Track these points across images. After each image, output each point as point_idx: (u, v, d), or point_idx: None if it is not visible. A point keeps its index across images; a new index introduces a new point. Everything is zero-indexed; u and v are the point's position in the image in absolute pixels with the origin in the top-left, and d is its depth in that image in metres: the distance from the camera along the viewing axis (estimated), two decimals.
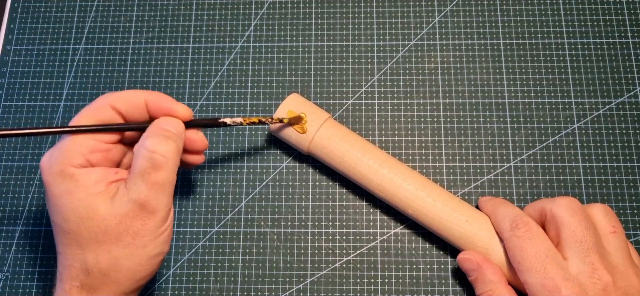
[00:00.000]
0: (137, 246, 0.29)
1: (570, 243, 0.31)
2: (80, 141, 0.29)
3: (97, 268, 0.29)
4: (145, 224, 0.29)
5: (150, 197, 0.29)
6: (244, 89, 0.43)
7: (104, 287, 0.29)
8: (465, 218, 0.35)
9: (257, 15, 0.45)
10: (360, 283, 0.38)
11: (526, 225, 0.32)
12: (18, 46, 0.45)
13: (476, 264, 0.34)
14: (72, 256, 0.29)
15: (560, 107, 0.41)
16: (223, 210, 0.40)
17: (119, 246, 0.29)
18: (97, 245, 0.28)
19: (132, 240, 0.29)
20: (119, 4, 0.46)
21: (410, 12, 0.45)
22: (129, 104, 0.31)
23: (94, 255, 0.29)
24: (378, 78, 0.43)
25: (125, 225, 0.28)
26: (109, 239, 0.28)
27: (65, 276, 0.29)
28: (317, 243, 0.39)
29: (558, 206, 0.32)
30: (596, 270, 0.30)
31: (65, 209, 0.28)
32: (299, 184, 0.41)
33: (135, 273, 0.29)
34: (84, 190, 0.28)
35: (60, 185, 0.28)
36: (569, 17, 0.44)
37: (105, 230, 0.28)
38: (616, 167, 0.40)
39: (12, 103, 0.43)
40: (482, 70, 0.43)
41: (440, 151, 0.41)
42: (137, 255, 0.29)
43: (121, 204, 0.28)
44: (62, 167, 0.28)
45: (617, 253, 0.31)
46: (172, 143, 0.30)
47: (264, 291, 0.38)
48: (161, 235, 0.30)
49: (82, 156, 0.29)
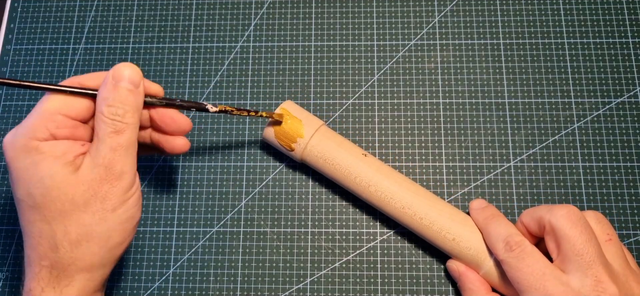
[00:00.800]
0: (107, 211, 0.29)
1: (571, 256, 0.30)
2: (46, 116, 0.28)
3: (67, 240, 0.28)
4: (113, 187, 0.29)
5: (115, 160, 0.28)
6: (244, 89, 0.43)
7: (76, 261, 0.28)
8: (452, 237, 0.35)
9: (257, 15, 0.45)
10: (360, 283, 0.38)
11: (519, 246, 0.32)
12: (18, 46, 0.45)
13: (458, 273, 0.36)
14: (38, 234, 0.28)
15: (560, 107, 0.41)
16: (223, 210, 0.40)
17: (88, 213, 0.28)
18: (64, 215, 0.28)
19: (101, 205, 0.28)
20: (119, 4, 0.46)
21: (410, 12, 0.45)
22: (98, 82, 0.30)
23: (62, 227, 0.28)
24: (378, 79, 0.43)
25: (93, 191, 0.28)
26: (77, 207, 0.28)
27: (33, 258, 0.29)
28: (317, 243, 0.39)
29: (558, 218, 0.31)
30: (601, 282, 0.29)
31: (30, 181, 0.28)
32: (299, 184, 0.41)
33: (107, 240, 0.29)
34: (50, 160, 0.28)
35: (24, 159, 0.28)
36: (569, 17, 0.44)
37: (73, 198, 0.28)
38: (616, 167, 0.40)
39: (12, 103, 0.43)
40: (482, 70, 0.43)
41: (440, 151, 0.41)
42: (107, 219, 0.29)
43: (87, 170, 0.28)
44: (26, 141, 0.28)
45: (616, 261, 0.31)
46: (130, 106, 0.29)
47: (264, 291, 0.38)
48: (130, 198, 0.30)
49: (48, 131, 0.28)
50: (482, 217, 0.35)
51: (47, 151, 0.28)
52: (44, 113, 0.29)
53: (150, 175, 0.41)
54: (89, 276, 0.29)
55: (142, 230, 0.40)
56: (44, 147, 0.28)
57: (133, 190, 0.30)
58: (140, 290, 0.39)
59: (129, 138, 0.29)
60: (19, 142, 0.28)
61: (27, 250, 0.29)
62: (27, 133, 0.28)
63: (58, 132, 0.29)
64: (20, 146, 0.28)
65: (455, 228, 0.35)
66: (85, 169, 0.28)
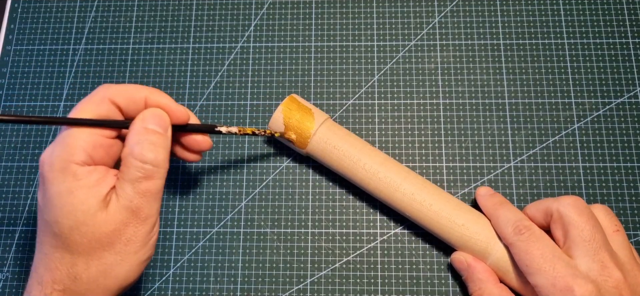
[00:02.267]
0: (129, 253, 0.28)
1: (578, 242, 0.31)
2: (83, 136, 0.28)
3: (86, 275, 0.28)
4: (138, 231, 0.28)
5: (142, 205, 0.28)
6: (244, 89, 0.43)
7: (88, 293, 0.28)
8: (461, 223, 0.35)
9: (257, 15, 0.45)
10: (360, 283, 0.38)
11: (529, 229, 0.33)
12: (18, 46, 0.45)
13: (466, 264, 0.35)
14: (59, 260, 0.28)
15: (560, 107, 0.41)
16: (223, 210, 0.40)
17: (111, 253, 0.28)
18: (88, 251, 0.28)
19: (124, 247, 0.28)
20: (119, 4, 0.46)
21: (410, 12, 0.45)
22: (129, 99, 0.30)
23: (84, 261, 0.28)
24: (378, 79, 0.43)
25: (119, 232, 0.28)
26: (101, 246, 0.28)
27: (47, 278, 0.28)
28: (317, 243, 0.39)
29: (565, 206, 0.32)
30: (606, 268, 0.30)
31: (62, 210, 0.27)
32: (299, 184, 0.41)
33: (125, 279, 0.29)
34: (85, 190, 0.27)
35: (61, 184, 0.27)
36: (569, 17, 0.44)
37: (100, 237, 0.28)
38: (616, 167, 0.40)
39: (12, 103, 0.43)
40: (482, 70, 0.43)
41: (440, 151, 0.41)
42: (128, 261, 0.29)
43: (115, 210, 0.28)
44: (65, 164, 0.27)
45: (622, 251, 0.32)
46: (161, 150, 0.29)
47: (264, 291, 0.38)
48: (151, 239, 0.30)
49: (85, 152, 0.28)
50: (490, 203, 0.36)
51: (83, 179, 0.27)
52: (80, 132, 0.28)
53: None
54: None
55: None
56: (81, 173, 0.27)
57: (154, 231, 0.30)
58: (140, 291, 0.39)
59: (158, 184, 0.29)
60: (57, 163, 0.27)
61: (41, 269, 0.28)
62: (65, 155, 0.27)
63: (95, 153, 0.28)
64: (59, 168, 0.27)
65: (464, 214, 0.35)
66: (113, 208, 0.28)
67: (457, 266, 0.36)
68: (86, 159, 0.28)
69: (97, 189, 0.28)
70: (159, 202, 0.29)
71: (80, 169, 0.27)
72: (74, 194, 0.27)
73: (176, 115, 0.31)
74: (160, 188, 0.29)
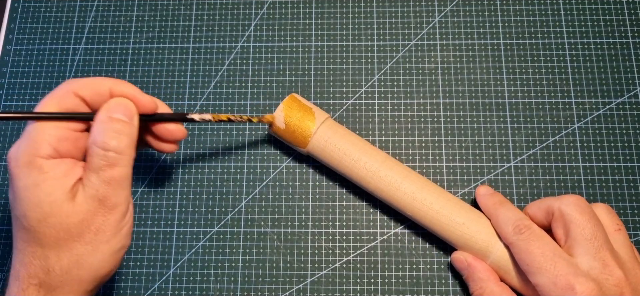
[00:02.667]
0: (100, 242, 0.28)
1: (580, 240, 0.31)
2: (48, 130, 0.28)
3: (59, 267, 0.28)
4: (107, 220, 0.28)
5: (108, 193, 0.28)
6: (244, 89, 0.43)
7: (64, 286, 0.28)
8: (461, 222, 0.35)
9: (257, 15, 0.45)
10: (360, 283, 0.38)
11: (529, 229, 0.33)
12: (18, 46, 0.45)
13: (466, 263, 0.36)
14: (31, 254, 0.28)
15: (560, 107, 0.41)
16: (223, 210, 0.40)
17: (81, 244, 0.28)
18: (58, 243, 0.28)
19: (94, 236, 0.28)
20: (119, 4, 0.46)
21: (410, 12, 0.45)
22: (93, 92, 0.30)
23: (55, 253, 0.28)
24: (378, 79, 0.43)
25: (87, 222, 0.28)
26: (71, 237, 0.28)
27: (23, 274, 0.28)
28: (317, 243, 0.39)
29: (567, 204, 0.32)
30: (607, 266, 0.30)
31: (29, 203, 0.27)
32: (299, 184, 0.41)
33: (98, 269, 0.29)
34: (51, 183, 0.27)
35: (27, 178, 0.27)
36: (569, 17, 0.44)
37: (68, 227, 0.28)
38: (616, 167, 0.40)
39: (12, 103, 0.43)
40: (482, 70, 0.43)
41: (440, 151, 0.41)
42: (100, 250, 0.29)
43: (81, 201, 0.28)
44: (30, 158, 0.27)
45: (623, 250, 0.32)
46: (125, 138, 0.29)
47: (264, 291, 0.38)
48: (123, 228, 0.29)
49: (50, 146, 0.28)
50: (490, 202, 0.36)
51: (49, 171, 0.27)
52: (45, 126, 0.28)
53: (150, 175, 0.41)
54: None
55: (142, 230, 0.40)
56: (47, 166, 0.28)
57: (126, 221, 0.30)
58: (141, 290, 0.39)
59: (123, 171, 0.29)
60: (23, 158, 0.27)
61: (17, 264, 0.29)
62: (31, 149, 0.28)
63: (61, 146, 0.28)
64: (24, 163, 0.27)
65: (464, 213, 0.35)
66: (80, 199, 0.28)
67: (457, 265, 0.36)
68: (52, 152, 0.28)
69: (63, 181, 0.28)
70: (127, 189, 0.29)
71: (46, 162, 0.28)
72: (39, 187, 0.27)
73: (142, 104, 0.31)
74: (125, 175, 0.29)
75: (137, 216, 0.40)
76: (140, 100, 0.31)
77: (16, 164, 0.28)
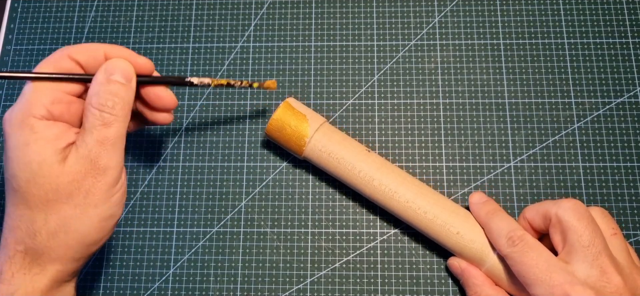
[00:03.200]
0: (89, 206, 0.28)
1: (577, 247, 0.31)
2: (42, 91, 0.28)
3: (45, 229, 0.28)
4: (97, 182, 0.28)
5: (101, 154, 0.28)
6: (244, 89, 0.43)
7: (50, 252, 0.28)
8: (456, 231, 0.35)
9: (257, 15, 0.45)
10: (360, 283, 0.38)
11: (522, 240, 0.32)
12: (18, 46, 0.45)
13: (460, 270, 0.36)
14: (18, 218, 0.28)
15: (560, 107, 0.41)
16: (223, 210, 0.40)
17: (69, 206, 0.28)
18: (46, 204, 0.28)
19: (83, 199, 0.28)
20: (119, 4, 0.46)
21: (410, 12, 0.45)
22: (88, 56, 0.30)
23: (42, 215, 0.28)
24: (378, 79, 0.43)
25: (77, 184, 0.28)
26: (59, 198, 0.28)
27: (10, 240, 0.28)
28: (317, 243, 0.39)
29: (564, 210, 0.32)
30: (606, 273, 0.30)
31: (18, 163, 0.27)
32: (299, 184, 0.41)
33: (86, 235, 0.29)
34: (42, 143, 0.27)
35: (19, 137, 0.27)
36: (569, 17, 0.44)
37: (57, 187, 0.28)
38: (616, 167, 0.40)
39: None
40: (482, 70, 0.43)
41: (440, 151, 0.41)
42: (88, 215, 0.28)
43: (73, 161, 0.28)
44: (24, 118, 0.28)
45: (621, 255, 0.31)
46: (121, 99, 0.29)
47: (264, 291, 0.38)
48: (113, 195, 0.29)
49: (44, 107, 0.28)
50: (483, 212, 0.35)
51: (40, 132, 0.28)
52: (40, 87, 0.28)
53: (150, 175, 0.41)
54: (61, 267, 0.29)
55: (142, 230, 0.40)
56: (39, 126, 0.28)
57: (117, 188, 0.30)
58: (141, 291, 0.39)
59: (117, 131, 0.29)
60: (16, 117, 0.28)
61: (5, 232, 0.29)
62: (24, 109, 0.28)
63: (54, 109, 0.28)
64: (17, 122, 0.28)
65: (459, 222, 0.35)
66: (71, 160, 0.28)
67: (452, 271, 0.37)
68: (45, 114, 0.28)
69: (54, 142, 0.28)
70: (120, 154, 0.29)
71: (38, 123, 0.28)
72: (30, 146, 0.27)
73: (139, 65, 0.31)
74: (119, 137, 0.29)
75: (137, 216, 0.40)
76: (136, 62, 0.31)
77: (9, 124, 0.28)
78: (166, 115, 0.34)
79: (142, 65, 0.31)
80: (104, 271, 0.39)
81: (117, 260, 0.39)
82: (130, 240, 0.40)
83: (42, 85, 0.29)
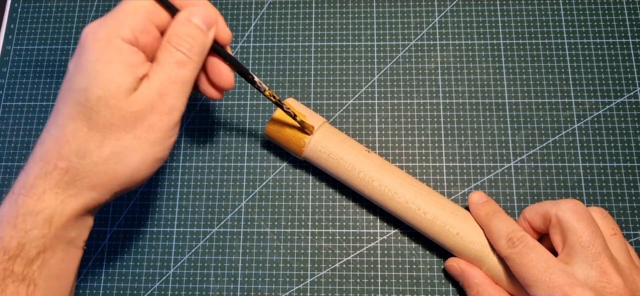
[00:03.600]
0: (147, 141, 0.28)
1: (577, 248, 0.31)
2: (136, 15, 0.28)
3: (98, 153, 0.27)
4: (161, 120, 0.28)
5: (170, 92, 0.28)
6: (244, 89, 0.43)
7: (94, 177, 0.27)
8: (456, 232, 0.35)
9: (257, 15, 0.45)
10: (360, 283, 0.38)
11: (522, 241, 0.32)
12: (18, 46, 0.45)
13: (459, 270, 0.36)
14: (72, 133, 0.27)
15: (560, 107, 0.41)
16: (223, 210, 0.40)
17: (130, 136, 0.28)
18: (109, 128, 0.27)
19: (145, 133, 0.28)
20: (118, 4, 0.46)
21: (410, 12, 0.45)
22: None
23: (99, 138, 0.27)
24: (378, 79, 0.43)
25: (143, 116, 0.28)
26: (123, 125, 0.27)
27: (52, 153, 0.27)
28: (317, 243, 0.39)
29: (564, 211, 0.32)
30: (606, 274, 0.30)
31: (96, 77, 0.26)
32: (299, 184, 0.41)
33: (136, 171, 0.28)
34: (124, 66, 0.27)
35: (101, 52, 0.27)
36: (569, 17, 0.44)
37: (124, 115, 0.27)
38: (616, 167, 0.40)
39: (12, 103, 0.43)
40: (482, 70, 0.43)
41: (440, 151, 0.41)
42: (143, 150, 0.28)
43: (144, 93, 0.27)
44: (110, 35, 0.27)
45: (620, 255, 0.31)
46: (197, 44, 0.29)
47: (264, 291, 0.38)
48: (170, 138, 0.29)
49: (132, 32, 0.28)
50: (482, 213, 0.35)
51: (125, 54, 0.27)
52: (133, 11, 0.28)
53: None
54: (97, 196, 0.28)
55: (142, 230, 0.40)
56: (125, 48, 0.27)
57: (174, 131, 0.29)
58: (141, 291, 0.39)
59: (189, 74, 0.29)
60: (102, 33, 0.27)
61: (48, 143, 0.27)
62: (114, 27, 0.27)
63: (141, 37, 0.28)
64: (103, 37, 0.27)
65: (458, 223, 0.35)
66: (142, 91, 0.28)
67: (451, 272, 0.37)
68: (131, 39, 0.28)
69: (134, 69, 0.27)
70: (186, 98, 0.29)
71: (124, 45, 0.27)
72: (111, 65, 0.27)
73: (221, 30, 0.31)
74: (189, 80, 0.29)
75: (137, 216, 0.40)
76: (220, 25, 0.31)
77: (94, 37, 0.27)
78: (217, 93, 0.33)
79: (223, 32, 0.31)
80: (104, 271, 0.39)
81: (117, 260, 0.39)
82: (130, 240, 0.40)
83: (139, 9, 0.28)
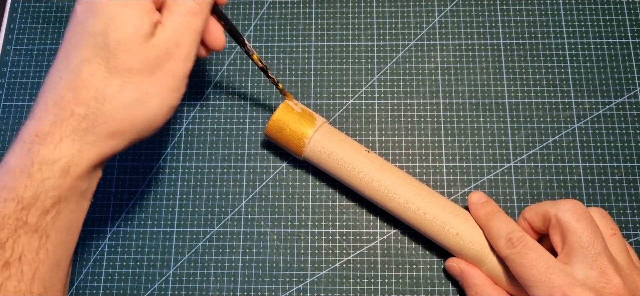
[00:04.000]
0: (166, 87, 0.28)
1: (576, 248, 0.31)
2: None
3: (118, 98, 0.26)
4: (178, 67, 0.28)
5: (185, 40, 0.29)
6: (244, 89, 0.43)
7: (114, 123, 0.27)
8: (456, 232, 0.35)
9: (257, 15, 0.45)
10: (360, 283, 0.38)
11: (521, 242, 0.32)
12: (18, 46, 0.45)
13: (459, 270, 0.36)
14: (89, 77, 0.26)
15: (560, 107, 0.41)
16: (223, 210, 0.40)
17: (150, 81, 0.27)
18: (129, 72, 0.27)
19: (163, 78, 0.28)
20: None
21: (410, 12, 0.45)
22: None
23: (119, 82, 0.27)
24: (378, 78, 0.43)
25: (161, 62, 0.28)
26: (143, 70, 0.27)
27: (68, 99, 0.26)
28: (317, 243, 0.39)
29: (563, 211, 0.32)
30: (605, 274, 0.30)
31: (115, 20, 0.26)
32: (299, 184, 0.41)
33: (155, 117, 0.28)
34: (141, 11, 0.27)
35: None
36: (569, 17, 0.44)
37: (143, 59, 0.27)
38: (616, 167, 0.40)
39: (12, 103, 0.43)
40: (482, 70, 0.43)
41: (440, 151, 0.41)
42: (162, 96, 0.28)
43: (161, 38, 0.28)
44: None
45: (620, 255, 0.31)
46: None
47: (264, 291, 0.38)
48: (184, 86, 0.30)
49: None
50: (482, 213, 0.35)
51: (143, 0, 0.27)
52: None
53: (150, 175, 0.41)
54: (114, 144, 0.28)
55: (142, 230, 0.40)
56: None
57: (187, 82, 0.30)
58: (141, 291, 0.39)
59: (200, 24, 0.29)
60: None
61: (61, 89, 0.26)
62: None
63: None
64: None
65: (458, 223, 0.35)
66: (160, 36, 0.28)
67: (451, 272, 0.37)
68: None
69: (150, 14, 0.28)
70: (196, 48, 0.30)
71: None
72: (128, 9, 0.27)
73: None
74: (200, 30, 0.30)
75: (137, 216, 0.40)
76: None
77: None
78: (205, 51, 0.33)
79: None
80: (104, 271, 0.39)
81: (117, 260, 0.39)
82: (130, 240, 0.40)
83: None
